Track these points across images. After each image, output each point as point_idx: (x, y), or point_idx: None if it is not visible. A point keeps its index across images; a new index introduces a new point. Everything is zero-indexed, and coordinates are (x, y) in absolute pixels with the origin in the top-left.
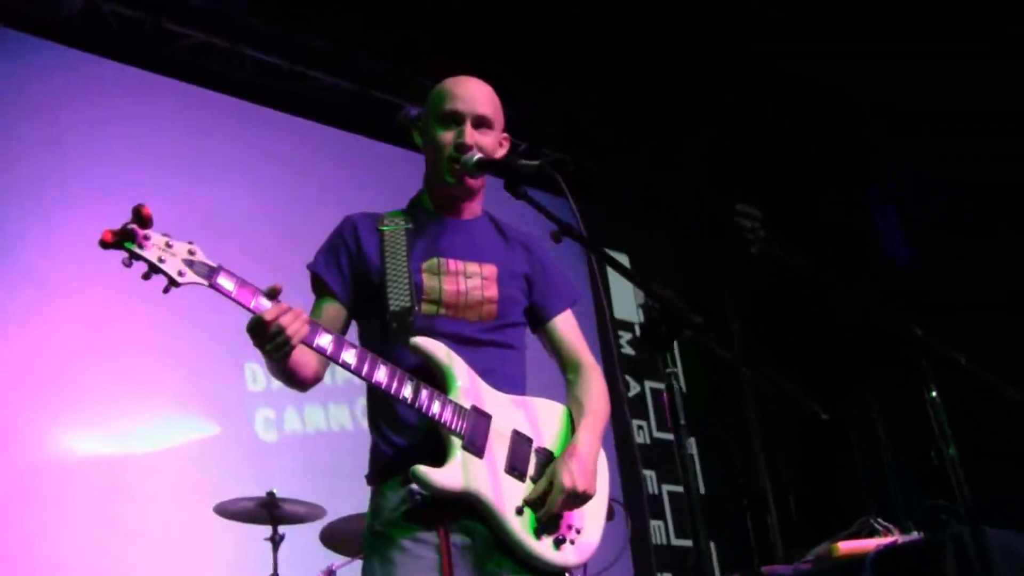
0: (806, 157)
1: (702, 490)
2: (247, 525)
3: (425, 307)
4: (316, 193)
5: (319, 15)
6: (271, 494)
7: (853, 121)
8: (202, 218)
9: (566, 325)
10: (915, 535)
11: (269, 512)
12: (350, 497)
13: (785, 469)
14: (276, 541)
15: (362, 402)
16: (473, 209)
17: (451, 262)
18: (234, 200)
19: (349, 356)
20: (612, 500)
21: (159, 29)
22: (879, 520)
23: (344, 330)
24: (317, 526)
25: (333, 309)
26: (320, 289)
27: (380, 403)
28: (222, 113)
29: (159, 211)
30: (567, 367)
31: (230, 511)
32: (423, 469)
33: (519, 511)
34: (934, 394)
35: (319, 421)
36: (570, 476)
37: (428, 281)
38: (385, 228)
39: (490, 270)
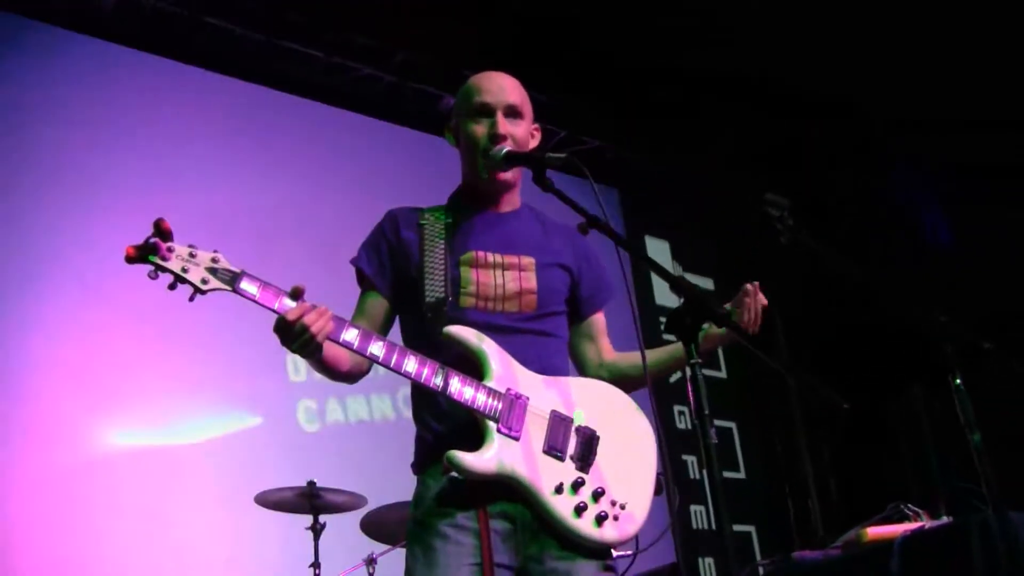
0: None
1: (743, 475)
2: (289, 515)
3: (463, 299)
4: (360, 185)
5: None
6: (311, 483)
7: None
8: (244, 212)
9: (602, 319)
10: (944, 520)
11: (309, 501)
12: (392, 486)
13: (827, 453)
14: (317, 530)
15: (404, 392)
16: (512, 201)
17: (488, 255)
18: (275, 192)
19: (376, 348)
20: (660, 475)
21: (196, 21)
22: (909, 505)
23: (388, 323)
24: (358, 515)
25: (376, 303)
26: (364, 283)
27: (422, 394)
28: (262, 107)
29: (198, 206)
30: (601, 356)
31: (271, 500)
32: (458, 454)
33: (558, 489)
34: (958, 381)
35: (361, 411)
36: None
37: (465, 274)
38: (425, 223)
39: (528, 261)
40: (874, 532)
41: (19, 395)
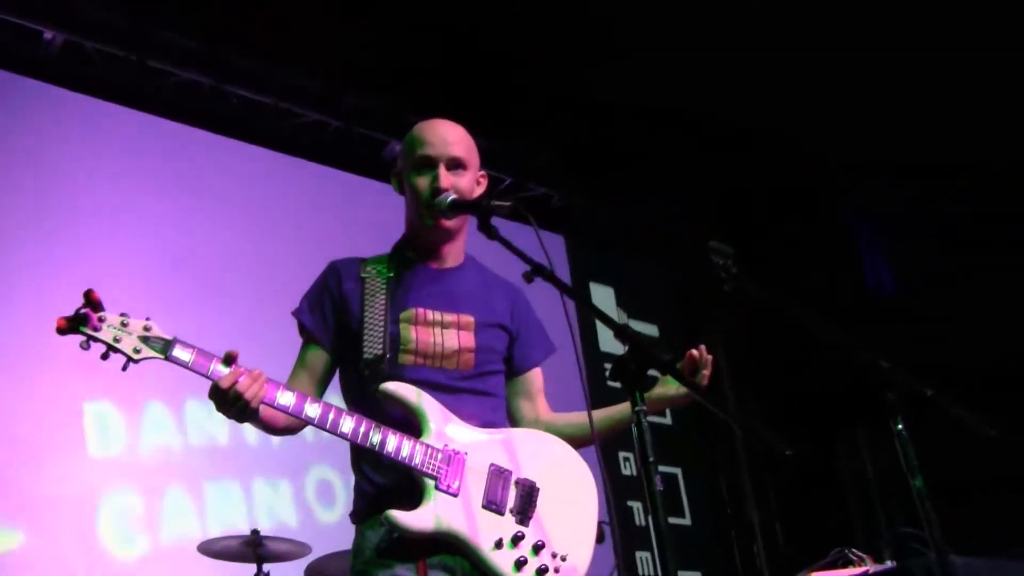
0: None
1: (689, 521)
2: (233, 564)
3: (402, 357)
4: (304, 232)
5: (305, 53)
6: (255, 532)
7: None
8: (187, 257)
9: (539, 376)
10: (888, 564)
11: (253, 550)
12: (335, 534)
13: (773, 498)
14: None
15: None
16: (456, 255)
17: (428, 312)
18: (221, 240)
19: (312, 411)
20: (602, 522)
21: (143, 67)
22: (853, 550)
23: (329, 376)
24: (302, 563)
25: (317, 356)
26: (305, 336)
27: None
28: (207, 150)
29: (141, 254)
30: (538, 414)
31: (214, 550)
32: (395, 513)
33: (498, 544)
34: (900, 426)
35: None
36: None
37: (404, 331)
38: (366, 276)
39: (467, 320)
40: None
41: None
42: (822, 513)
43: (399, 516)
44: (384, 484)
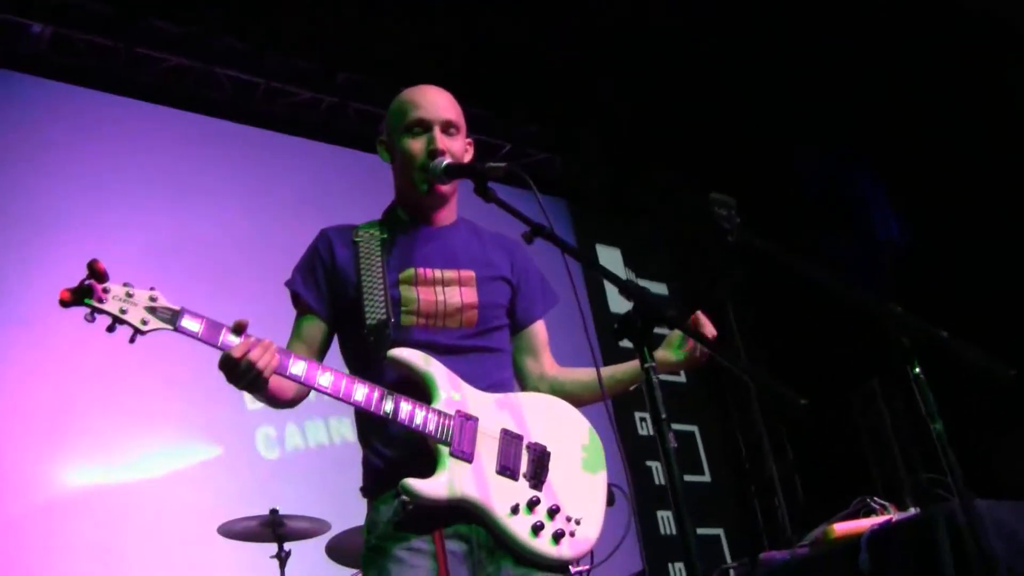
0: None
1: (708, 478)
2: (253, 544)
3: (404, 319)
4: (304, 209)
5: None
6: (274, 511)
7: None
8: (185, 238)
9: (543, 329)
10: (912, 511)
11: (273, 530)
12: (355, 510)
13: (791, 452)
14: (283, 558)
15: None
16: (448, 216)
17: (427, 271)
18: (219, 221)
19: (324, 380)
20: (612, 485)
21: (132, 54)
22: (876, 499)
23: (326, 346)
24: (323, 540)
25: (314, 326)
26: (300, 306)
27: (368, 418)
28: (200, 133)
29: (139, 238)
30: (543, 370)
31: (235, 531)
32: (412, 482)
33: (514, 510)
34: (917, 371)
35: (320, 436)
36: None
37: (405, 292)
38: (359, 240)
39: (468, 275)
40: (841, 528)
41: None
42: (840, 464)
43: (415, 484)
44: (394, 456)
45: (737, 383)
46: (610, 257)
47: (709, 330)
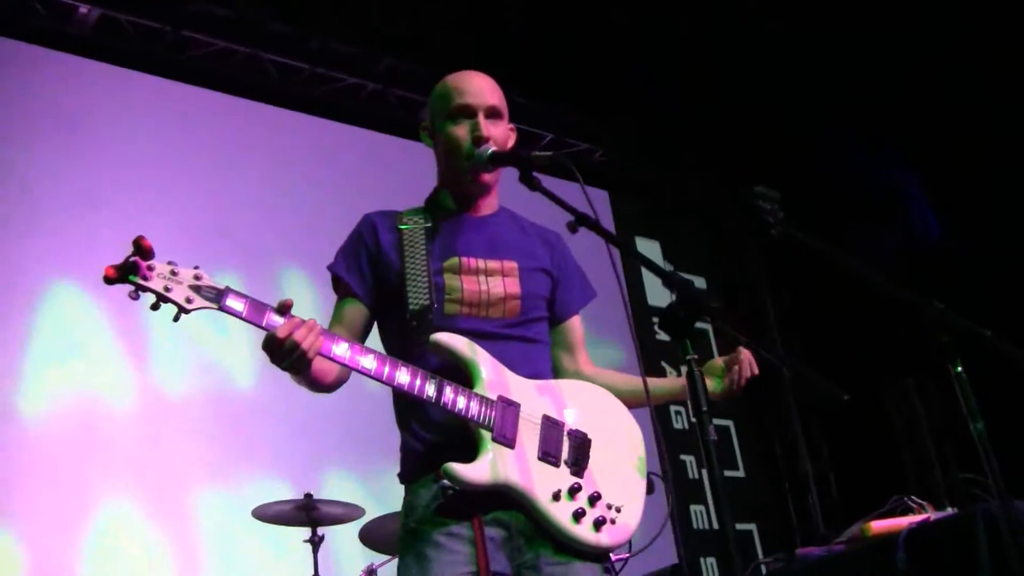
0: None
1: (743, 473)
2: (286, 528)
3: (448, 307)
4: (339, 192)
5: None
6: (308, 496)
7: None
8: (229, 224)
9: (580, 325)
10: (949, 511)
11: (307, 514)
12: (389, 495)
13: (825, 448)
14: (316, 543)
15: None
16: (491, 204)
17: (471, 260)
18: (262, 205)
19: (368, 362)
20: (651, 474)
21: (178, 37)
22: (913, 498)
23: (367, 330)
24: (356, 525)
25: (355, 310)
26: (341, 290)
27: (408, 402)
28: (244, 117)
29: (182, 222)
30: (578, 367)
31: (269, 514)
32: (454, 466)
33: (556, 496)
34: (959, 369)
35: None
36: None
37: (449, 281)
38: (404, 227)
39: (511, 266)
40: (878, 526)
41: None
42: (875, 462)
43: (458, 468)
44: (434, 441)
45: (774, 379)
46: (649, 250)
47: (752, 368)
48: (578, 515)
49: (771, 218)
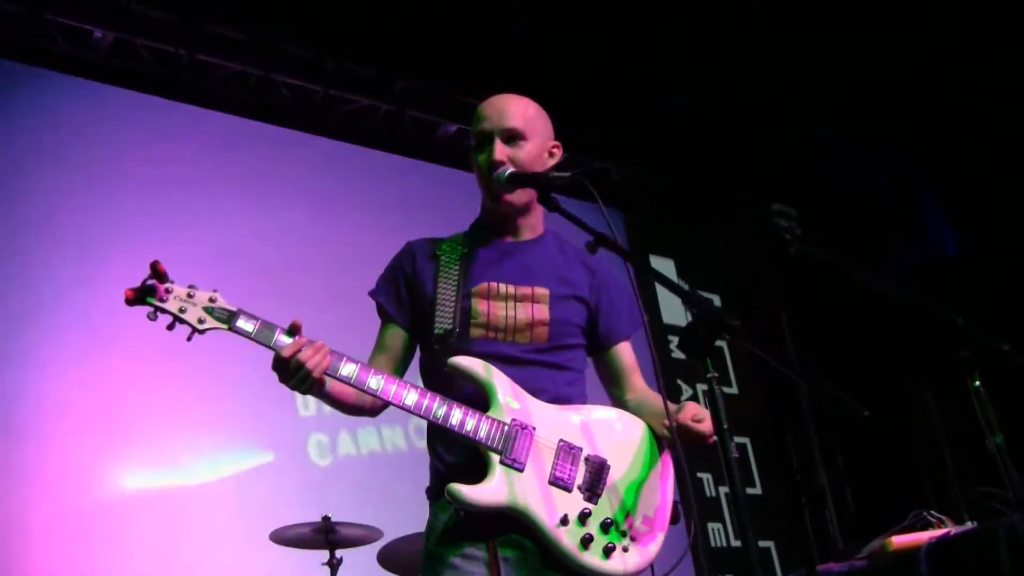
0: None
1: (760, 490)
2: (305, 551)
3: (473, 331)
4: (360, 216)
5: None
6: (326, 518)
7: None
8: (244, 248)
9: (628, 353)
10: (969, 526)
11: (325, 537)
12: (407, 517)
13: (842, 464)
14: (334, 565)
15: (416, 422)
16: (532, 227)
17: (502, 286)
18: (279, 229)
19: (374, 382)
20: (676, 503)
21: (192, 60)
22: (932, 512)
23: (408, 355)
24: (375, 548)
25: (395, 335)
26: (382, 316)
27: (434, 424)
28: (258, 139)
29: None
30: (626, 391)
31: (287, 537)
32: (457, 487)
33: (563, 521)
34: (977, 383)
35: (373, 443)
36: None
37: (477, 305)
38: (441, 253)
39: (542, 293)
40: (899, 541)
41: (26, 439)
42: (892, 476)
43: (462, 489)
44: (453, 462)
45: (790, 394)
46: (664, 268)
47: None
48: (585, 541)
49: (788, 235)
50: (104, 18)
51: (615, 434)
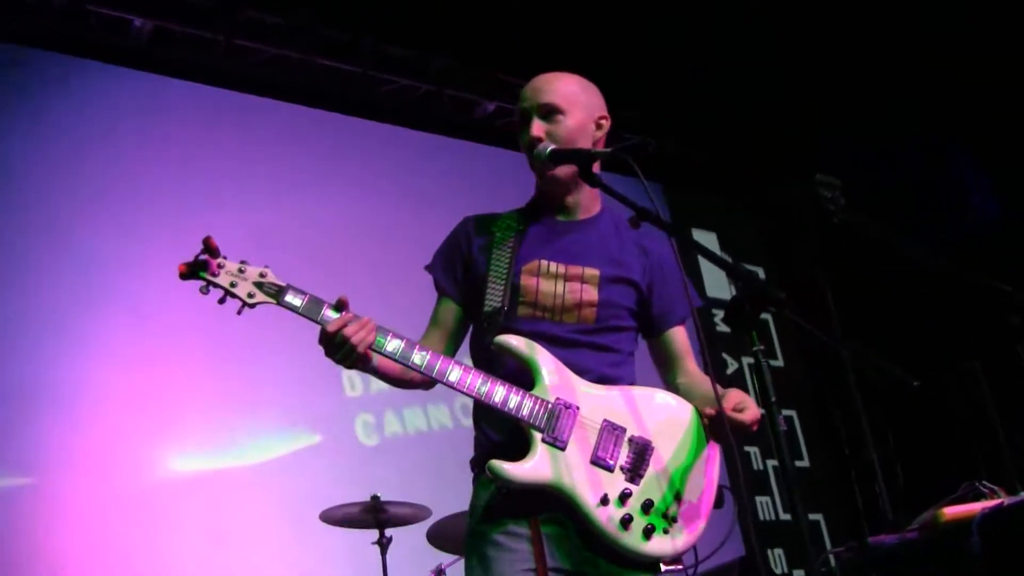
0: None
1: (807, 463)
2: (355, 530)
3: (521, 309)
4: (402, 196)
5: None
6: (375, 498)
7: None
8: (292, 230)
9: (681, 337)
10: (1022, 496)
11: (374, 516)
12: (455, 496)
13: (891, 436)
14: (384, 544)
15: (462, 400)
16: (587, 207)
17: (553, 264)
18: (323, 210)
19: (418, 358)
20: (722, 487)
21: (231, 46)
22: (985, 483)
23: (461, 330)
24: (424, 526)
25: (449, 310)
26: (438, 290)
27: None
28: (298, 122)
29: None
30: (678, 375)
31: (336, 517)
32: (498, 463)
33: (603, 500)
34: None
35: (419, 422)
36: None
37: (526, 282)
38: (497, 230)
39: (592, 274)
40: (951, 512)
41: (78, 422)
42: (941, 448)
43: (503, 466)
44: (497, 440)
45: (836, 367)
46: (706, 241)
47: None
48: (625, 521)
49: (832, 205)
50: (143, 7)
51: (662, 416)
